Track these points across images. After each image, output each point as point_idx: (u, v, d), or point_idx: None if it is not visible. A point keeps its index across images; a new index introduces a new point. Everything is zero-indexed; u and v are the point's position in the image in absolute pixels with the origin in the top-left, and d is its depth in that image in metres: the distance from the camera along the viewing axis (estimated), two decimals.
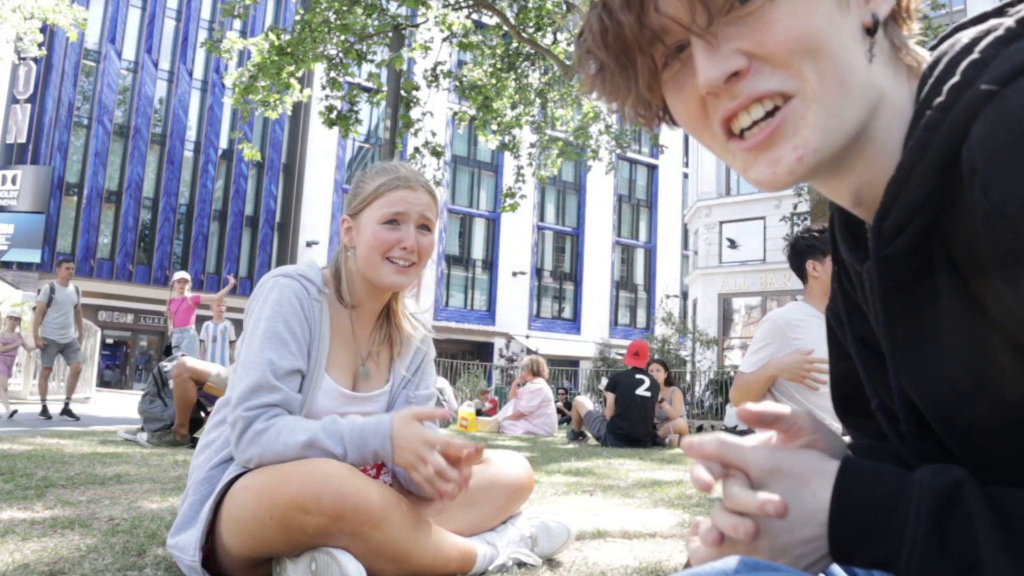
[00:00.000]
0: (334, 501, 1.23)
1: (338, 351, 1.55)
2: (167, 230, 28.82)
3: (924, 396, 0.60)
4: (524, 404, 8.19)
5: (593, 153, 12.87)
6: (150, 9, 29.40)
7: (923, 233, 0.55)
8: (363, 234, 1.53)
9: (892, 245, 0.56)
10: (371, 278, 1.53)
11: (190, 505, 1.41)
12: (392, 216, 1.51)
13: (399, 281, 1.52)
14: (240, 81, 9.99)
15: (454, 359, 19.89)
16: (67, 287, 8.46)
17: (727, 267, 23.33)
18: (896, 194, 0.54)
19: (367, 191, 1.55)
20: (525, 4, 10.57)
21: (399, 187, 1.53)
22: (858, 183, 0.61)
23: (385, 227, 1.51)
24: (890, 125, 0.58)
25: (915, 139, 0.53)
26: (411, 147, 11.74)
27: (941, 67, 0.54)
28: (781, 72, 0.56)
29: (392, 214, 1.51)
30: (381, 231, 1.51)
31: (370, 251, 1.51)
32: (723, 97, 0.58)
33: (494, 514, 1.57)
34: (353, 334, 1.59)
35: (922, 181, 0.53)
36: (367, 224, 1.52)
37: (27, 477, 2.66)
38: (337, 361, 1.54)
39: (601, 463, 4.20)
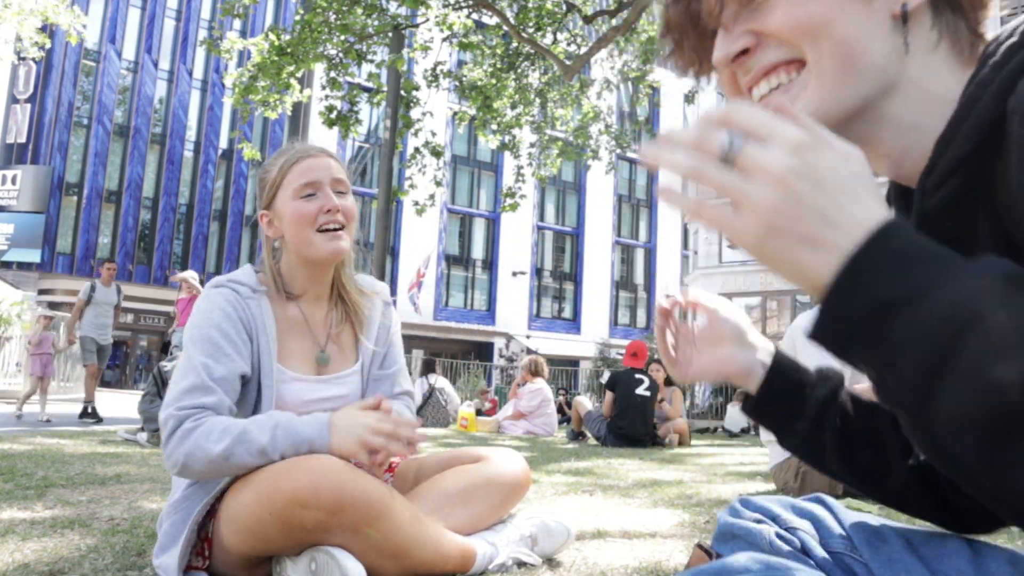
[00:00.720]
0: (332, 495, 1.23)
1: (292, 343, 1.54)
2: (167, 230, 28.82)
3: None
4: (524, 404, 8.19)
5: (593, 153, 12.87)
6: (150, 9, 29.40)
7: (965, 188, 0.55)
8: (285, 217, 1.52)
9: (933, 198, 0.56)
10: (308, 255, 1.52)
11: (171, 524, 1.39)
12: (305, 187, 1.51)
13: (336, 247, 1.51)
14: (240, 81, 9.98)
15: (454, 359, 19.89)
16: (109, 287, 8.18)
17: (727, 267, 23.34)
18: (943, 149, 0.55)
19: (272, 176, 1.54)
20: (525, 4, 10.57)
21: (301, 159, 1.53)
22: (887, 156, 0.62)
23: (303, 200, 1.50)
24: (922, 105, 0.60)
25: (966, 95, 0.54)
26: (411, 147, 11.73)
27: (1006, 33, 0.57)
28: (785, 47, 0.61)
29: (304, 184, 1.51)
30: (301, 204, 1.50)
31: (298, 228, 1.50)
32: (739, 72, 0.65)
33: (492, 512, 1.57)
34: (307, 322, 1.58)
35: (968, 135, 0.53)
36: (284, 205, 1.52)
37: (27, 477, 2.66)
38: (293, 352, 1.53)
39: (601, 463, 4.20)
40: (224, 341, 1.42)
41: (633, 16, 9.51)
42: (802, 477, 2.77)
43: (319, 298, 1.61)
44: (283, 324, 1.54)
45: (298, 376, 1.52)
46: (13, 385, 12.01)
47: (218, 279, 1.53)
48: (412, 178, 11.04)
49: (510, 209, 11.48)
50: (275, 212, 1.54)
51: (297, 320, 1.57)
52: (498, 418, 8.66)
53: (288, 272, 1.57)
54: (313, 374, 1.55)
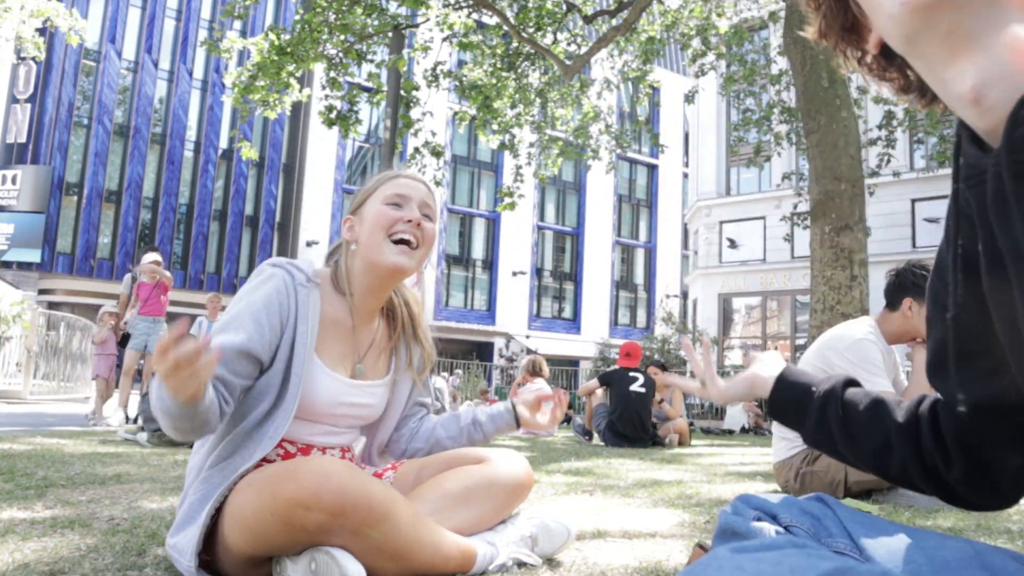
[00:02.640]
0: (335, 498, 1.23)
1: (334, 343, 1.55)
2: (167, 230, 28.83)
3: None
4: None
5: (593, 153, 12.87)
6: (150, 9, 29.40)
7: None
8: (366, 221, 1.55)
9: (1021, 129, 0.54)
10: (374, 261, 1.53)
11: (189, 505, 1.40)
12: (395, 198, 1.56)
13: (402, 262, 1.53)
14: (240, 81, 9.98)
15: (454, 359, 19.89)
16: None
17: (727, 267, 23.33)
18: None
19: (369, 185, 1.61)
20: (525, 4, 10.58)
21: (400, 176, 1.61)
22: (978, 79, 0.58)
23: (389, 207, 1.55)
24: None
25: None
26: (411, 147, 11.74)
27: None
28: None
29: (395, 195, 1.57)
30: (385, 209, 1.55)
31: (375, 230, 1.53)
32: None
33: (493, 513, 1.57)
34: (353, 330, 1.59)
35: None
36: (371, 210, 1.56)
37: (27, 477, 2.66)
38: (330, 351, 1.54)
39: (601, 463, 4.20)
40: (248, 318, 1.41)
41: (633, 16, 9.51)
42: (802, 478, 2.77)
43: (372, 311, 1.63)
44: (330, 323, 1.55)
45: (334, 375, 1.53)
46: (13, 385, 12.01)
47: (279, 259, 1.54)
48: None
49: (508, 208, 11.49)
50: (359, 217, 1.58)
51: (345, 324, 1.58)
52: None
53: (351, 278, 1.58)
54: (348, 376, 1.57)
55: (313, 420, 1.53)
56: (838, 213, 6.91)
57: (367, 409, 1.60)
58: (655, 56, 11.58)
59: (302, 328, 1.46)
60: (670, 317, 20.81)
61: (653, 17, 11.44)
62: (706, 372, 1.19)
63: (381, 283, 1.58)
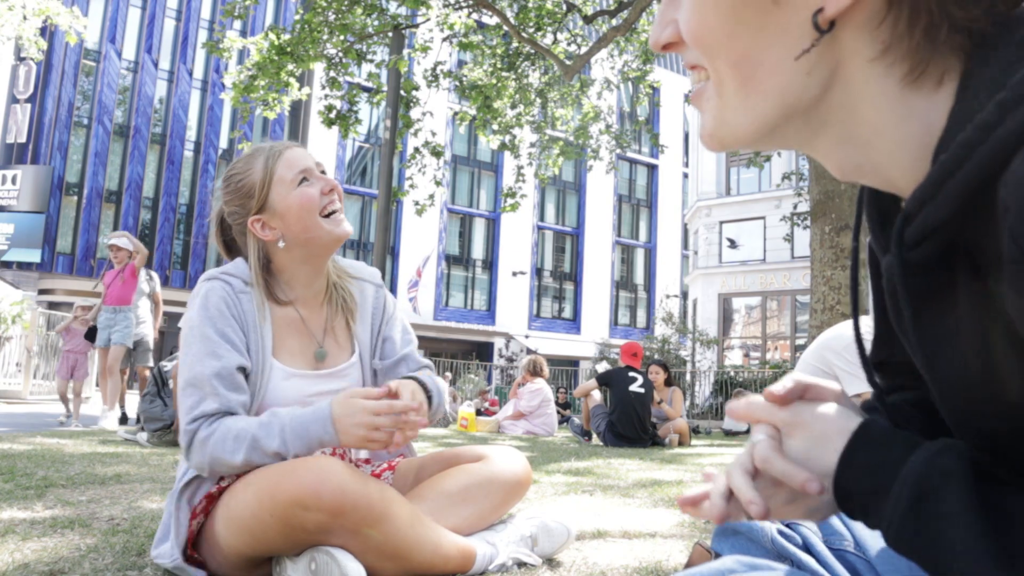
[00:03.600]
0: (334, 498, 1.23)
1: (289, 339, 1.54)
2: (167, 230, 28.83)
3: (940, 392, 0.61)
4: (524, 404, 8.19)
5: (593, 153, 12.87)
6: (150, 9, 29.40)
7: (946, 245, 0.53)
8: (287, 213, 1.50)
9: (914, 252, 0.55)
10: (315, 241, 1.52)
11: (168, 515, 1.41)
12: (300, 175, 1.51)
13: (344, 229, 1.54)
14: (240, 80, 9.98)
15: (454, 359, 19.89)
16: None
17: (727, 267, 23.33)
18: (921, 205, 0.52)
19: (257, 178, 1.51)
20: (525, 4, 10.57)
21: (283, 151, 1.53)
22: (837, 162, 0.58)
23: (303, 187, 1.51)
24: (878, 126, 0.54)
25: (951, 153, 0.48)
26: (411, 147, 11.74)
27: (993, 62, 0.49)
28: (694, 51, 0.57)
29: (298, 172, 1.51)
30: (303, 192, 1.50)
31: (305, 215, 1.49)
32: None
33: (492, 511, 1.57)
34: (303, 322, 1.58)
35: (950, 201, 0.49)
36: (284, 200, 1.50)
37: (27, 477, 2.66)
38: (290, 348, 1.53)
39: (601, 463, 4.20)
40: (218, 337, 1.42)
41: (633, 16, 9.51)
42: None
43: (316, 295, 1.60)
44: (279, 321, 1.54)
45: (296, 372, 1.52)
46: (13, 385, 12.01)
47: (211, 272, 1.53)
48: (412, 178, 11.05)
49: (511, 209, 11.49)
50: (270, 212, 1.51)
51: (293, 319, 1.57)
52: (498, 418, 8.66)
53: (289, 273, 1.56)
54: (311, 369, 1.55)
55: None
56: (838, 213, 6.91)
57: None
58: (655, 56, 11.58)
59: (253, 335, 1.47)
60: (670, 317, 20.81)
61: (653, 17, 11.43)
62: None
63: (323, 259, 1.57)
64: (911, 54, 0.51)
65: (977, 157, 0.46)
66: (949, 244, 0.53)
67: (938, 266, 0.54)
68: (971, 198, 0.48)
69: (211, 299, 1.46)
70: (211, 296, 1.46)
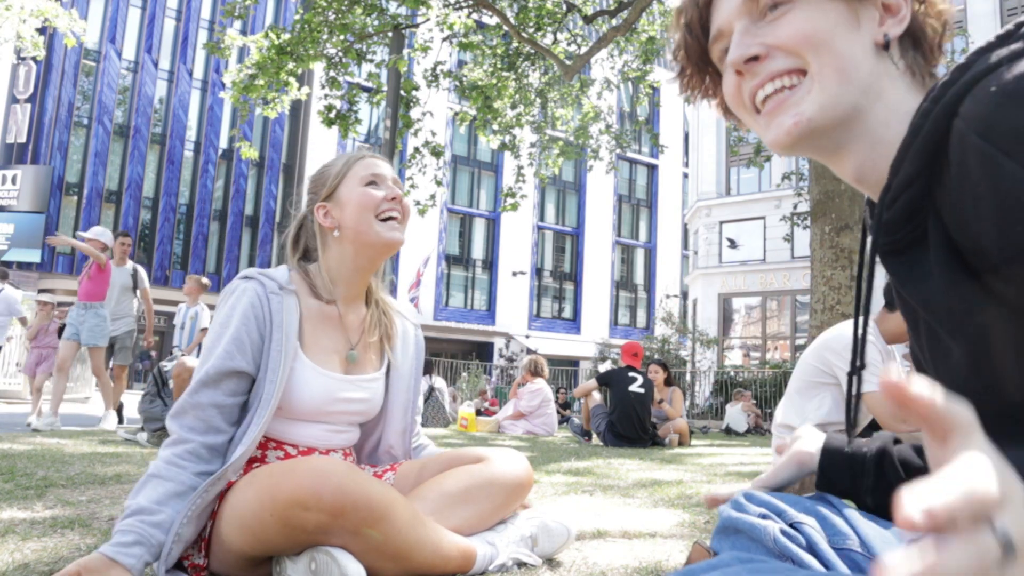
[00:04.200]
0: (334, 497, 1.23)
1: (323, 338, 1.57)
2: (167, 230, 28.83)
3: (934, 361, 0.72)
4: (524, 404, 8.19)
5: (593, 153, 12.86)
6: (150, 9, 29.40)
7: (915, 203, 0.65)
8: (349, 203, 1.57)
9: (890, 212, 0.67)
10: (367, 241, 1.57)
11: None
12: (371, 178, 1.59)
13: (396, 236, 1.58)
14: (239, 79, 9.98)
15: (454, 359, 19.88)
16: (123, 266, 6.73)
17: (727, 267, 23.33)
18: (896, 170, 0.65)
19: (336, 169, 1.62)
20: (525, 4, 10.57)
21: (366, 157, 1.63)
22: (858, 165, 0.74)
23: (369, 187, 1.58)
24: (889, 122, 0.71)
25: (912, 124, 0.64)
26: (411, 147, 11.73)
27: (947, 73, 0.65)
28: (790, 57, 0.73)
29: (371, 175, 1.59)
30: (367, 191, 1.57)
31: (362, 213, 1.56)
32: (747, 76, 0.76)
33: (493, 512, 1.57)
34: (341, 321, 1.61)
35: (915, 157, 0.63)
36: (349, 193, 1.58)
37: (27, 477, 2.66)
38: (320, 347, 1.56)
39: (601, 463, 4.20)
40: (229, 338, 1.45)
41: (633, 16, 9.51)
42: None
43: (356, 299, 1.65)
44: (316, 319, 1.57)
45: (326, 372, 1.54)
46: (13, 385, 12.00)
47: (250, 271, 1.55)
48: (413, 178, 11.05)
49: (511, 209, 11.48)
50: (336, 202, 1.59)
51: (332, 316, 1.60)
52: (498, 418, 8.66)
53: (336, 267, 1.60)
54: (341, 372, 1.57)
55: (311, 420, 1.54)
56: (838, 213, 6.91)
57: (363, 404, 1.60)
58: (655, 56, 11.58)
59: (277, 335, 1.48)
60: (670, 317, 20.81)
61: (653, 17, 11.43)
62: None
63: (372, 261, 1.61)
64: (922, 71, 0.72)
65: (933, 116, 0.61)
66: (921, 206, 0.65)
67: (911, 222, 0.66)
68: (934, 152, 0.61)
69: (242, 300, 1.49)
70: (243, 298, 1.50)
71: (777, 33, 0.73)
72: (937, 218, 0.64)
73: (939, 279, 0.64)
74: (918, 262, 0.68)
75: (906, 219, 0.67)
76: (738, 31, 0.76)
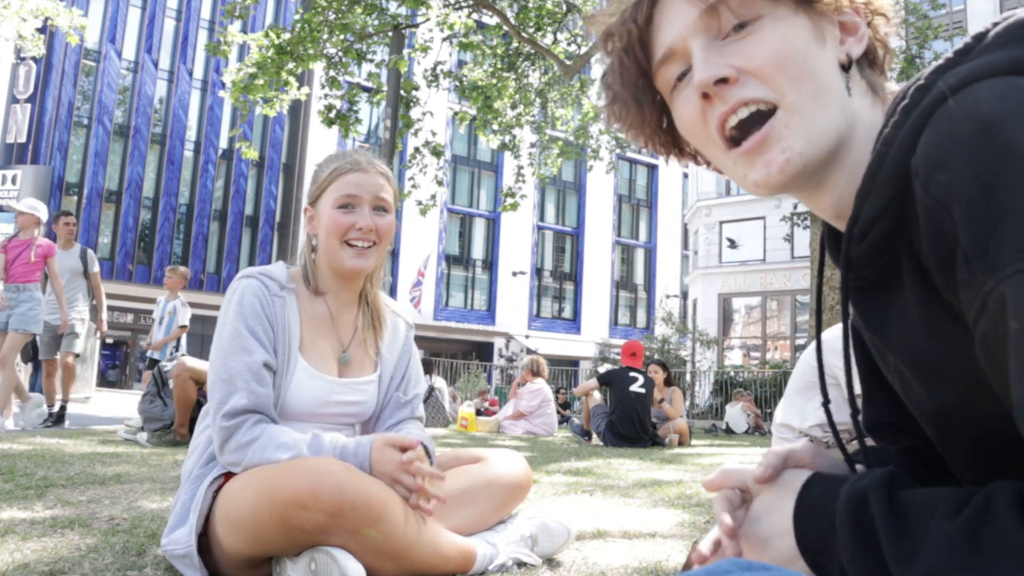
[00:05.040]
0: (333, 497, 1.23)
1: (317, 340, 1.57)
2: (167, 230, 28.83)
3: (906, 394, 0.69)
4: (524, 404, 8.19)
5: (593, 153, 12.87)
6: (150, 9, 29.40)
7: (887, 238, 0.61)
8: (321, 221, 1.56)
9: (860, 247, 0.62)
10: (333, 264, 1.57)
11: (182, 504, 1.43)
12: (345, 200, 1.54)
13: (359, 264, 1.54)
14: (239, 79, 9.97)
15: (454, 359, 19.88)
16: (69, 248, 6.31)
17: (727, 267, 23.33)
18: (862, 202, 0.61)
19: (322, 177, 1.58)
20: (525, 4, 10.57)
21: (351, 171, 1.56)
22: (839, 196, 0.68)
23: (339, 211, 1.54)
24: (866, 146, 0.66)
25: (875, 152, 0.60)
26: (411, 147, 11.73)
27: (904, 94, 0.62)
28: (764, 85, 0.66)
29: (344, 197, 1.54)
30: (336, 215, 1.54)
31: (328, 237, 1.54)
32: (715, 101, 0.67)
33: (492, 512, 1.57)
34: (333, 322, 1.61)
35: (881, 190, 0.59)
36: (324, 210, 1.56)
37: (27, 477, 2.66)
38: (317, 349, 1.56)
39: (601, 463, 4.20)
40: (251, 336, 1.46)
41: None
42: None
43: (348, 301, 1.64)
44: (310, 320, 1.57)
45: (319, 375, 1.54)
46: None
47: (250, 270, 1.55)
48: (413, 178, 11.05)
49: (511, 208, 11.48)
50: (316, 211, 1.59)
51: (324, 317, 1.60)
52: (498, 418, 8.66)
53: (321, 269, 1.61)
54: (335, 374, 1.57)
55: (306, 420, 1.54)
56: None
57: (358, 407, 1.61)
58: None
59: (281, 337, 1.50)
60: (670, 317, 20.81)
61: None
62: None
63: (344, 280, 1.61)
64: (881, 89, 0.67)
65: (895, 146, 0.57)
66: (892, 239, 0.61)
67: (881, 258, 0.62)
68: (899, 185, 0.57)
69: (246, 296, 1.49)
70: (247, 294, 1.50)
71: (748, 54, 0.65)
72: (911, 251, 0.59)
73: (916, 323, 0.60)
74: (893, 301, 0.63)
75: (877, 253, 0.62)
76: (699, 48, 0.67)
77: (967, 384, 0.57)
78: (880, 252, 0.62)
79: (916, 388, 0.65)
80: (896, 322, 0.63)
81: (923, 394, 0.64)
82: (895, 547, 0.53)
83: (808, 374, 2.88)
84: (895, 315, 0.63)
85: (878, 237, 0.61)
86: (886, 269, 0.63)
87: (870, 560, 0.55)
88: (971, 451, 0.61)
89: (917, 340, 0.60)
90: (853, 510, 0.58)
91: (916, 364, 0.62)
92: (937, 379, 0.61)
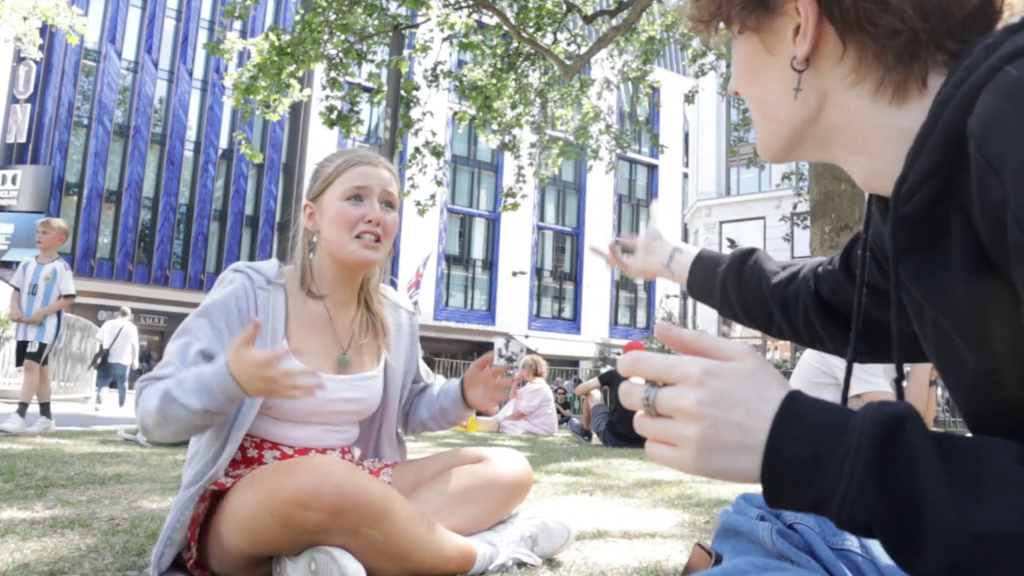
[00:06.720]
0: (334, 497, 1.23)
1: (313, 339, 1.54)
2: (167, 230, 28.82)
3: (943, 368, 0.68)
4: (524, 404, 8.19)
5: (593, 153, 12.86)
6: (150, 9, 29.39)
7: (936, 196, 0.60)
8: (327, 214, 1.53)
9: (907, 206, 0.62)
10: (340, 257, 1.53)
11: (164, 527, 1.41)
12: (354, 191, 1.52)
13: (368, 256, 1.52)
14: (240, 82, 9.97)
15: (454, 359, 19.88)
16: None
17: None
18: (912, 161, 0.60)
19: (328, 171, 1.56)
20: (525, 4, 10.57)
21: (359, 163, 1.55)
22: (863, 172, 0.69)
23: (349, 203, 1.52)
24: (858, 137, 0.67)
25: (930, 111, 0.59)
26: (411, 147, 11.73)
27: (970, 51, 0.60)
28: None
29: (354, 189, 1.52)
30: (345, 207, 1.51)
31: (337, 228, 1.51)
32: None
33: (492, 512, 1.57)
34: (331, 323, 1.58)
35: (933, 150, 0.58)
36: (330, 203, 1.53)
37: (27, 477, 2.66)
38: (313, 349, 1.53)
39: (601, 463, 4.20)
40: (205, 321, 1.44)
41: (633, 16, 9.51)
42: None
43: (346, 301, 1.61)
44: (305, 320, 1.55)
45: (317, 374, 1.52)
46: (13, 385, 12.00)
47: (240, 264, 1.54)
48: (413, 178, 11.05)
49: (511, 209, 11.48)
50: (319, 207, 1.55)
51: (322, 318, 1.57)
52: (498, 418, 8.66)
53: (318, 269, 1.58)
54: (333, 373, 1.55)
55: (306, 422, 1.53)
56: (838, 213, 6.91)
57: (360, 404, 1.59)
58: (655, 56, 11.58)
59: (261, 330, 1.45)
60: (670, 317, 20.81)
61: (653, 17, 11.44)
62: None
63: (350, 274, 1.58)
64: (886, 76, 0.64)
65: (951, 106, 0.56)
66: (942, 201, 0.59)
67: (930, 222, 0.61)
68: (953, 146, 0.56)
69: (227, 290, 1.48)
70: (228, 288, 1.49)
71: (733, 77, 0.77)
72: (961, 213, 0.58)
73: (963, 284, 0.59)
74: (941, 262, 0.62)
75: (926, 212, 0.61)
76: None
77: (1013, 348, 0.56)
78: (929, 211, 0.61)
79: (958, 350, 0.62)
80: (944, 281, 0.61)
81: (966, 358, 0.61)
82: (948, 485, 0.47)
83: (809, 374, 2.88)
84: (943, 275, 0.61)
85: (927, 197, 0.60)
86: (936, 229, 0.61)
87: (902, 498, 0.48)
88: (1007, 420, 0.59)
89: (964, 301, 0.59)
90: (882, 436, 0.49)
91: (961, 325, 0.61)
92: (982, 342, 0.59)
